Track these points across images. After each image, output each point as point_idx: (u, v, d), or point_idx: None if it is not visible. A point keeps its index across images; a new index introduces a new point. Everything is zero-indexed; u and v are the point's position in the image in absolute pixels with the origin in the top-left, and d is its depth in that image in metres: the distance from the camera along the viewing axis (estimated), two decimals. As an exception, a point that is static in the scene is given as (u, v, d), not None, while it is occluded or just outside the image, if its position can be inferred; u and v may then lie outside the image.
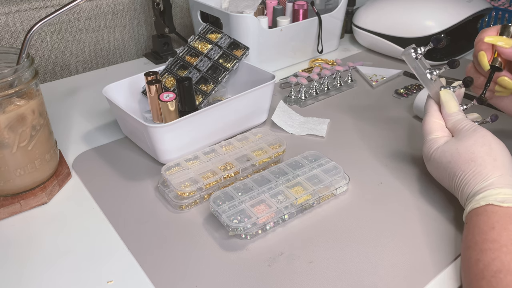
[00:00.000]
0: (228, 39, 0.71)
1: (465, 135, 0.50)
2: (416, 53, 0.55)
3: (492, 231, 0.42)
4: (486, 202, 0.44)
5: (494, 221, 0.42)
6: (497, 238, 0.41)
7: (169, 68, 0.70)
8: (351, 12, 1.04)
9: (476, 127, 0.51)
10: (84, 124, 0.72)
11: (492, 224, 0.42)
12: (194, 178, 0.54)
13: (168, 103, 0.58)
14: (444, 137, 0.53)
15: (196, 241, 0.49)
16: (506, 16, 1.00)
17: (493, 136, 0.50)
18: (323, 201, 0.54)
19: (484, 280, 0.39)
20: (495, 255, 0.40)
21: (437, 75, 0.56)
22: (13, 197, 0.53)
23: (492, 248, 0.41)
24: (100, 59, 0.96)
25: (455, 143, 0.51)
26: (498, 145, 0.49)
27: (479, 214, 0.44)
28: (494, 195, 0.44)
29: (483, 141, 0.49)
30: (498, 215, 0.42)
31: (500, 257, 0.39)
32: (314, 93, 0.78)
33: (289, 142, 0.65)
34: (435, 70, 0.56)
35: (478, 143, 0.49)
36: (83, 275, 0.45)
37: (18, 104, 0.50)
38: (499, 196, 0.44)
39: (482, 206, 0.44)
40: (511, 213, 0.42)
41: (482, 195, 0.45)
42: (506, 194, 0.44)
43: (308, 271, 0.45)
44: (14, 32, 0.83)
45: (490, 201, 0.44)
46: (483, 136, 0.49)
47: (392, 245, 0.48)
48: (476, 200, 0.45)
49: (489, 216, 0.43)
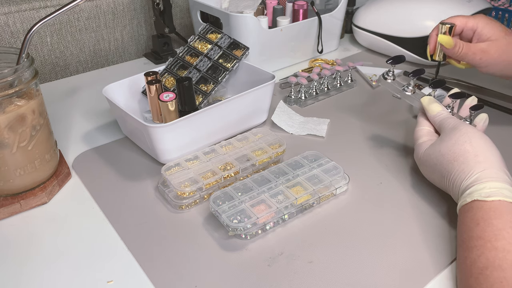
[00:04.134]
0: (228, 39, 0.71)
1: (447, 135, 0.51)
2: (388, 77, 0.60)
3: (477, 227, 0.42)
4: (471, 198, 0.44)
5: (479, 217, 0.43)
6: (481, 234, 0.41)
7: (169, 68, 0.70)
8: (351, 12, 1.04)
9: (458, 125, 0.51)
10: (84, 124, 0.72)
11: (477, 221, 0.42)
12: (194, 178, 0.54)
13: (168, 103, 0.58)
14: (431, 141, 0.54)
15: (196, 241, 0.49)
16: (506, 16, 1.00)
17: (475, 131, 0.50)
18: (323, 201, 0.54)
19: (472, 277, 0.40)
20: (480, 251, 0.40)
21: (413, 88, 0.59)
22: (13, 197, 0.53)
23: (477, 245, 0.41)
24: (100, 59, 0.96)
25: (438, 144, 0.51)
26: (479, 140, 0.49)
27: (466, 211, 0.45)
28: (479, 190, 0.44)
29: (463, 139, 0.49)
30: (483, 210, 0.43)
31: (485, 254, 0.40)
32: (314, 93, 0.78)
33: (289, 142, 0.65)
34: (409, 85, 0.59)
35: (459, 142, 0.49)
36: (83, 275, 0.45)
37: (18, 104, 0.50)
38: (484, 191, 0.44)
39: (469, 202, 0.45)
40: (495, 207, 0.42)
41: (468, 192, 0.45)
42: (491, 188, 0.44)
43: (308, 271, 0.45)
44: (14, 32, 0.83)
45: (475, 196, 0.44)
46: (464, 134, 0.49)
47: (392, 245, 0.48)
48: (464, 197, 0.46)
49: (474, 212, 0.43)
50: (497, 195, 0.43)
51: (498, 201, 0.43)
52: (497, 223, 0.41)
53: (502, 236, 0.40)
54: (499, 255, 0.39)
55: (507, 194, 0.43)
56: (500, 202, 0.43)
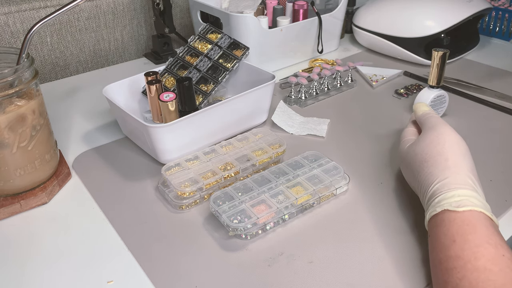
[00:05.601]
0: (228, 39, 0.71)
1: (424, 134, 0.50)
2: None
3: (453, 245, 0.40)
4: (441, 208, 0.42)
5: (453, 232, 0.40)
6: (460, 253, 0.39)
7: (169, 68, 0.70)
8: (351, 12, 1.04)
9: (436, 125, 0.50)
10: (84, 124, 0.72)
11: (452, 237, 0.40)
12: (194, 178, 0.54)
13: (168, 103, 0.58)
14: (412, 140, 0.53)
15: (196, 241, 0.49)
16: (506, 16, 1.00)
17: (451, 133, 0.48)
18: (323, 201, 0.54)
19: None
20: (461, 274, 0.38)
21: None
22: (13, 197, 0.53)
23: (457, 266, 0.38)
24: (100, 59, 0.96)
25: (415, 143, 0.50)
26: (454, 143, 0.47)
27: (438, 224, 0.42)
28: (449, 199, 0.43)
29: (437, 140, 0.48)
30: (457, 224, 0.41)
31: (466, 276, 0.37)
32: (314, 93, 0.78)
33: (289, 142, 0.65)
34: None
35: (433, 143, 0.48)
36: (83, 275, 0.45)
37: (18, 104, 0.50)
38: (454, 200, 0.42)
39: (439, 213, 0.43)
40: (468, 219, 0.41)
41: (437, 200, 0.44)
42: (460, 196, 0.42)
43: (308, 271, 0.45)
44: (14, 32, 0.83)
45: (445, 206, 0.42)
46: (439, 135, 0.48)
47: (393, 245, 0.48)
48: (433, 206, 0.44)
49: (447, 227, 0.41)
50: (467, 205, 0.41)
51: (469, 211, 0.41)
52: (473, 238, 0.39)
53: (481, 254, 0.38)
54: (481, 277, 0.37)
55: (476, 203, 0.42)
56: (471, 212, 0.41)
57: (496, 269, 0.37)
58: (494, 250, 0.38)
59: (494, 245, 0.39)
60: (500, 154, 0.62)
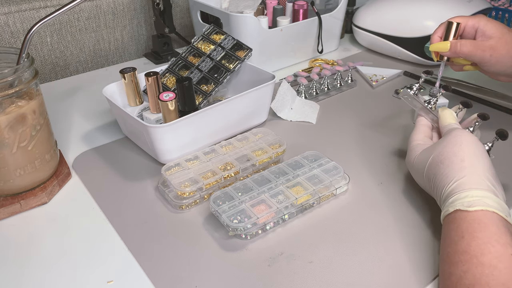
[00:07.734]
0: (231, 40, 0.71)
1: (442, 138, 0.50)
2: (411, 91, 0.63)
3: (461, 241, 0.41)
4: (454, 208, 0.43)
5: (463, 229, 0.41)
6: (466, 249, 0.40)
7: (171, 68, 0.70)
8: (351, 12, 1.04)
9: (453, 129, 0.50)
10: (84, 124, 0.72)
11: (461, 233, 0.41)
12: (194, 178, 0.54)
13: (168, 103, 0.58)
14: (425, 145, 0.53)
15: (196, 241, 0.49)
16: (506, 16, 1.00)
17: (467, 136, 0.48)
18: (323, 201, 0.54)
19: None
20: (466, 267, 0.39)
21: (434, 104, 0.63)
22: (13, 197, 0.53)
23: (462, 260, 0.39)
24: (100, 59, 0.96)
25: (431, 147, 0.50)
26: (470, 144, 0.47)
27: (450, 222, 0.43)
28: (461, 199, 0.43)
29: (454, 142, 0.48)
30: (467, 222, 0.41)
31: (471, 270, 0.38)
32: (314, 93, 0.78)
33: (289, 142, 0.65)
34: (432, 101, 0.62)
35: (449, 144, 0.48)
36: (83, 275, 0.45)
37: (19, 104, 0.50)
38: (466, 200, 0.43)
39: (451, 213, 0.43)
40: (479, 218, 0.41)
41: (451, 200, 0.44)
42: (473, 196, 0.43)
43: (308, 271, 0.45)
44: (14, 32, 0.83)
45: (458, 206, 0.43)
46: (455, 136, 0.48)
47: (393, 244, 0.48)
48: (446, 207, 0.45)
49: (458, 224, 0.42)
50: (479, 205, 0.42)
51: (481, 211, 0.41)
52: (482, 236, 0.40)
53: (488, 251, 0.39)
54: (486, 271, 0.38)
55: (490, 203, 0.42)
56: (483, 212, 0.41)
57: (501, 266, 0.37)
58: (502, 248, 0.39)
59: (503, 244, 0.39)
60: (501, 154, 0.62)
